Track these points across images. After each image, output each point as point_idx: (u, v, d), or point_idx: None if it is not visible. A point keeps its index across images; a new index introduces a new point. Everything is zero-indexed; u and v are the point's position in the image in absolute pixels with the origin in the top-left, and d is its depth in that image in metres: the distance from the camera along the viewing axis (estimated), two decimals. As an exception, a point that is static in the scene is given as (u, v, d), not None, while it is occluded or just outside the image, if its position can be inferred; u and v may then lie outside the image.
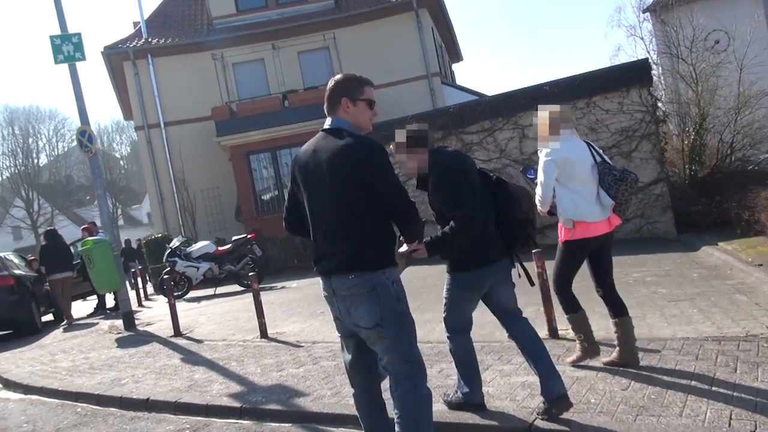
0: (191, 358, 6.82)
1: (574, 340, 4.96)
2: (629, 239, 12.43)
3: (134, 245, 23.16)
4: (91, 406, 5.85)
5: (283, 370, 5.69)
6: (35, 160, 53.21)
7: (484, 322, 6.29)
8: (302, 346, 6.48)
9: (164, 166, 20.56)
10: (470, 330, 4.37)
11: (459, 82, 28.08)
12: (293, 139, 17.88)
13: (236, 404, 4.94)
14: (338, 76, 3.25)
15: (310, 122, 18.20)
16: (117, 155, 63.09)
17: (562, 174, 4.48)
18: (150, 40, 21.04)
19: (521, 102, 13.35)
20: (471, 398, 4.15)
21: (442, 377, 4.82)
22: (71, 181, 55.88)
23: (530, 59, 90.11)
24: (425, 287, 9.40)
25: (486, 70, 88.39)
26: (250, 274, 7.53)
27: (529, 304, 6.93)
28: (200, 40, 21.03)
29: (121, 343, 8.55)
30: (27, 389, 6.77)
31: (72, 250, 13.56)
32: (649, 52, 24.54)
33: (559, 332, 5.46)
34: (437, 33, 23.25)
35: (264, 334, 7.21)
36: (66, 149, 55.06)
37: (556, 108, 4.51)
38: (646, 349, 4.72)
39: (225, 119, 19.09)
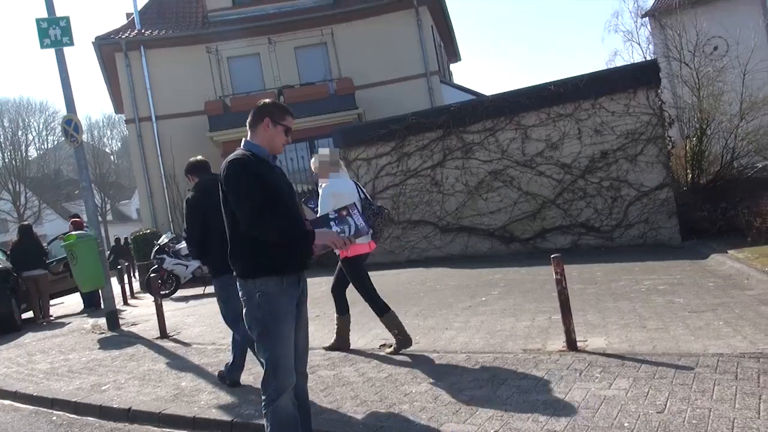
0: (178, 363, 6.35)
1: (595, 353, 4.84)
2: (633, 245, 12.11)
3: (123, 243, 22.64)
4: (67, 414, 5.39)
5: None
6: (24, 153, 52.42)
7: (493, 331, 5.91)
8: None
9: (154, 160, 20.07)
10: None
11: (456, 82, 27.69)
12: (289, 136, 17.41)
13: (227, 417, 4.49)
14: (267, 100, 3.54)
15: (306, 119, 17.76)
16: (107, 150, 62.35)
17: (337, 205, 4.98)
18: (143, 31, 20.56)
19: (524, 102, 13.02)
20: (231, 375, 5.37)
21: (453, 392, 4.38)
22: (60, 175, 55.15)
23: (526, 63, 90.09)
24: (425, 291, 8.98)
25: (482, 71, 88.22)
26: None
27: (539, 312, 6.56)
28: (195, 32, 20.57)
29: (104, 344, 8.06)
30: (0, 393, 6.29)
31: (48, 248, 13.05)
32: (645, 58, 24.39)
33: (578, 344, 5.03)
34: (436, 31, 22.87)
35: (256, 338, 6.76)
36: (56, 143, 54.30)
37: (326, 152, 5.90)
38: (678, 366, 4.31)
39: (218, 114, 18.65)
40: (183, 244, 12.97)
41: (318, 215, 4.97)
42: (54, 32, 8.99)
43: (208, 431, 4.50)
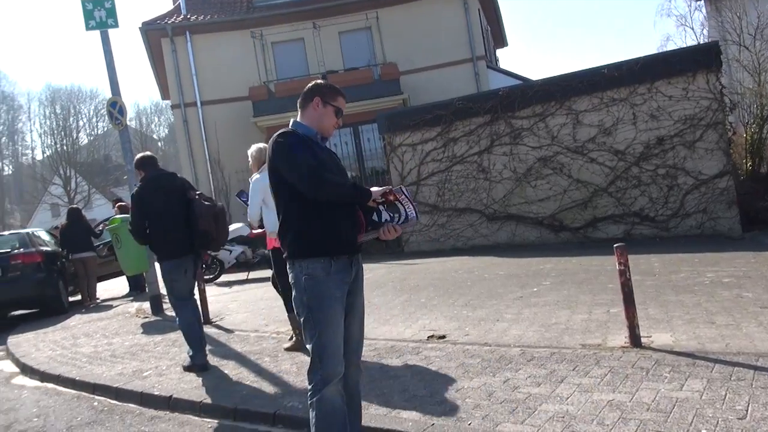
0: (220, 351, 6.21)
1: (661, 350, 4.51)
2: (689, 236, 11.58)
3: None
4: (108, 400, 5.29)
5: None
6: (75, 139, 53.62)
7: (548, 324, 5.60)
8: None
9: (200, 146, 20.13)
10: (191, 302, 5.89)
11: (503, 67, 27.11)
12: (333, 121, 17.24)
13: (269, 409, 4.30)
14: (319, 80, 3.44)
15: (350, 104, 17.32)
16: (155, 137, 63.39)
17: (266, 197, 5.57)
18: (189, 16, 20.56)
19: (576, 86, 12.53)
20: (195, 360, 5.57)
21: (508, 389, 4.10)
22: (109, 160, 56.22)
23: (573, 49, 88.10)
24: (472, 280, 8.67)
25: (529, 57, 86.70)
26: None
27: (595, 304, 6.20)
28: (240, 17, 20.47)
29: (147, 329, 8.01)
30: (44, 376, 6.25)
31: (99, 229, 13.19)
32: (699, 42, 23.41)
33: (643, 340, 4.68)
34: (483, 15, 22.35)
35: (300, 326, 6.57)
36: (105, 129, 55.40)
37: (255, 147, 6.19)
38: (757, 367, 3.94)
39: (262, 99, 18.55)
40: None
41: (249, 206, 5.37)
42: (99, 14, 8.93)
43: (249, 422, 4.32)
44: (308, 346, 3.08)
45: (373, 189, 3.13)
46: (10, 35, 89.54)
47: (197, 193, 5.89)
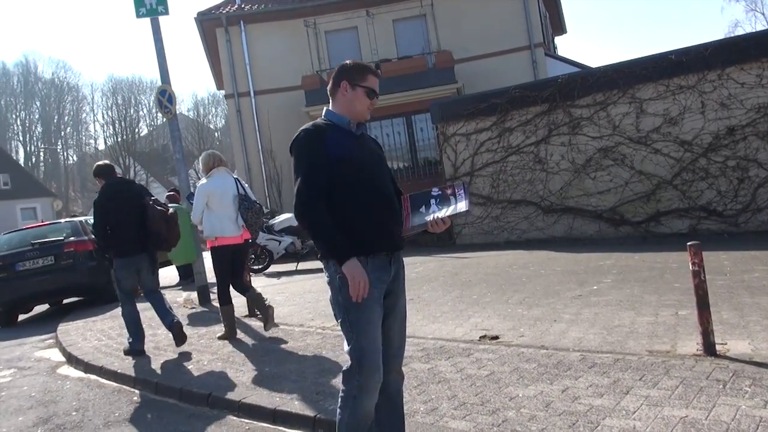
0: (263, 346, 6.02)
1: (739, 360, 4.09)
2: (760, 232, 10.87)
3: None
4: (149, 394, 5.16)
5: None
6: (135, 129, 54.95)
7: (610, 327, 5.19)
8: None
9: (252, 135, 20.18)
10: (133, 298, 6.63)
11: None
12: (386, 111, 16.97)
13: (309, 412, 4.05)
14: (347, 61, 3.12)
15: (403, 93, 17.23)
16: (211, 126, 64.42)
17: (209, 201, 6.39)
18: (243, 6, 20.57)
19: (640, 73, 11.90)
20: (133, 346, 6.31)
21: (567, 399, 3.74)
22: (167, 150, 57.33)
23: (636, 36, 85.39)
24: (528, 276, 8.27)
25: (589, 45, 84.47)
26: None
27: (662, 306, 5.75)
28: (293, 6, 20.35)
29: (192, 320, 7.90)
30: (87, 367, 6.19)
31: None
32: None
33: (717, 348, 4.25)
34: (542, 1, 21.67)
35: (346, 321, 6.32)
36: (164, 120, 56.47)
37: (209, 152, 6.80)
38: None
39: (315, 89, 18.38)
40: (277, 220, 12.83)
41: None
42: (149, 1, 8.85)
43: (288, 425, 4.09)
44: (345, 350, 2.84)
45: (350, 267, 2.72)
46: (74, 27, 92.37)
47: (152, 199, 6.52)
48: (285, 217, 12.90)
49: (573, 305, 6.15)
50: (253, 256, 11.77)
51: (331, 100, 3.06)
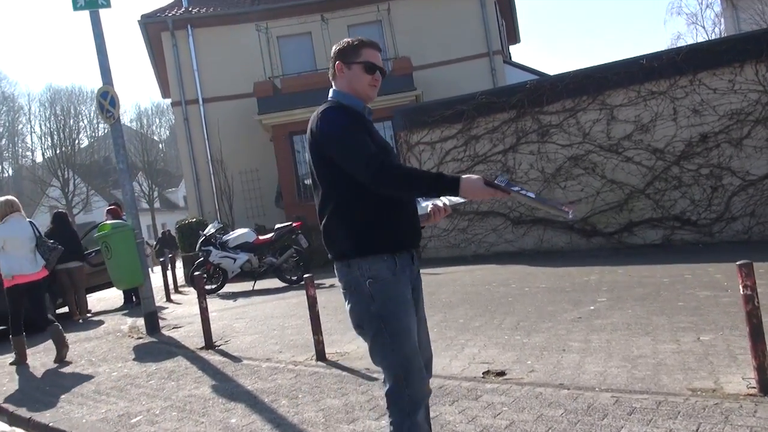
0: (226, 388, 5.11)
1: None
2: (735, 242, 10.54)
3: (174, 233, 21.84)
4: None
5: (357, 421, 3.93)
6: (75, 141, 52.60)
7: (631, 357, 4.44)
8: (376, 379, 4.70)
9: (201, 145, 19.13)
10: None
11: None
12: (342, 119, 16.18)
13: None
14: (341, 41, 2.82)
15: (361, 100, 16.49)
16: (156, 138, 62.37)
17: (5, 245, 6.87)
18: (190, 9, 19.56)
19: (611, 78, 11.51)
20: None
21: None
22: (109, 162, 55.16)
23: (583, 46, 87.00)
24: (513, 295, 7.60)
25: (540, 54, 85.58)
26: (305, 275, 5.77)
27: (678, 329, 5.12)
28: (244, 10, 19.45)
29: (140, 353, 6.89)
30: (12, 418, 5.16)
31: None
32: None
33: None
34: (498, 9, 21.33)
35: (321, 355, 5.49)
36: (106, 130, 54.29)
37: (3, 200, 7.13)
38: None
39: (268, 96, 17.48)
40: (231, 235, 11.88)
41: None
42: (88, -8, 7.88)
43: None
44: (382, 366, 2.56)
45: (467, 177, 2.40)
46: (10, 35, 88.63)
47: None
48: (240, 233, 11.95)
49: (577, 330, 5.48)
50: (205, 276, 10.79)
51: (333, 86, 2.79)
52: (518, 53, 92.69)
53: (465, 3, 19.04)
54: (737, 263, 3.71)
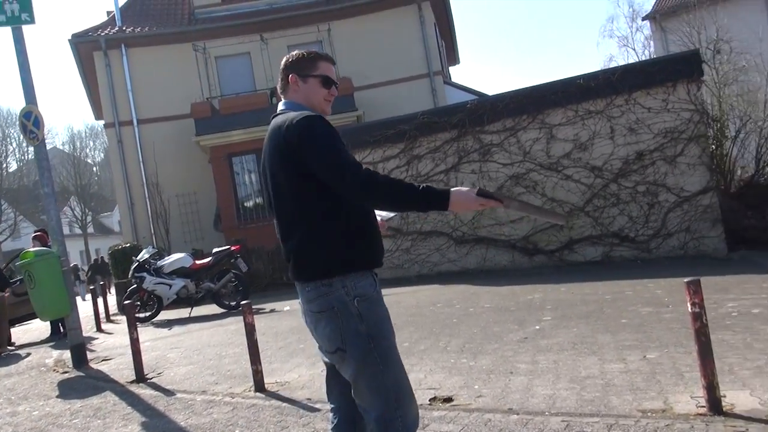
0: (157, 425, 4.76)
1: (754, 419, 3.40)
2: (672, 257, 10.77)
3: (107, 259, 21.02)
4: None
5: (297, 456, 3.71)
6: (3, 165, 50.45)
7: (579, 378, 4.32)
8: (318, 410, 4.47)
9: (136, 167, 18.52)
10: None
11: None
12: (282, 139, 15.94)
13: None
14: (293, 53, 2.73)
15: (301, 121, 16.29)
16: (89, 161, 60.44)
17: None
18: (124, 28, 19.03)
19: (549, 98, 11.68)
20: None
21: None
22: (38, 186, 53.12)
23: (520, 67, 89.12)
24: (457, 316, 7.48)
25: (478, 75, 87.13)
26: (243, 301, 5.49)
27: (623, 348, 4.94)
28: (180, 29, 19.10)
29: (65, 390, 6.42)
30: None
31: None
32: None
33: (724, 405, 3.55)
34: (438, 30, 21.55)
35: (260, 386, 5.21)
36: (33, 152, 52.33)
37: None
38: None
39: (205, 117, 17.11)
40: (167, 261, 11.42)
41: None
42: (11, 7, 7.47)
43: None
44: (370, 390, 2.37)
45: (457, 189, 2.32)
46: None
47: None
48: (176, 257, 11.50)
49: (523, 351, 5.37)
50: (138, 303, 10.31)
51: (286, 96, 2.65)
52: (458, 74, 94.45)
53: (405, 24, 19.17)
54: (685, 280, 3.66)
